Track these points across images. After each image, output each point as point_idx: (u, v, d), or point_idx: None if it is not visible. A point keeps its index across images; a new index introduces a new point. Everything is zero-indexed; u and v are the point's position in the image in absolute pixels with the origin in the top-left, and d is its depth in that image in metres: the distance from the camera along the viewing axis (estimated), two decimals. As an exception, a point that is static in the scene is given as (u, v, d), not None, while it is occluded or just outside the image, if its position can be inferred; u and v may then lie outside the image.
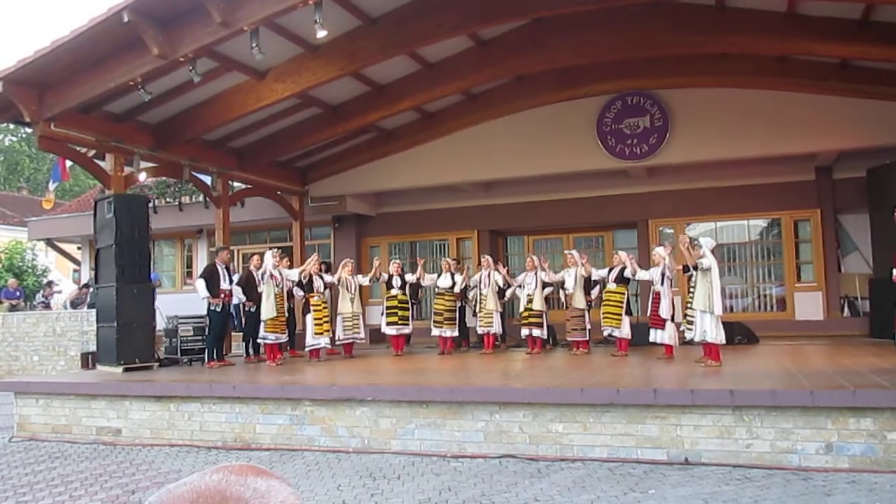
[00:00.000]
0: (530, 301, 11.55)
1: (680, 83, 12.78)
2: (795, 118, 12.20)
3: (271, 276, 10.88)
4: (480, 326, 12.24)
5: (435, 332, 12.23)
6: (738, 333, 11.99)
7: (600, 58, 11.59)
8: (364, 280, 12.30)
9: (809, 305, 13.79)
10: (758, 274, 14.65)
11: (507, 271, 12.74)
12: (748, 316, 13.88)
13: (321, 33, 8.76)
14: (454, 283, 12.22)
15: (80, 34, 8.56)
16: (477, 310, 12.36)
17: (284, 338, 11.33)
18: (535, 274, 11.63)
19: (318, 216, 15.96)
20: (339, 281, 11.79)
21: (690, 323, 9.01)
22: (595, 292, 11.39)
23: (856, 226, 13.66)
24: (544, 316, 11.65)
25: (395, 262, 12.76)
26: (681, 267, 9.72)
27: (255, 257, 11.93)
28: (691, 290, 9.05)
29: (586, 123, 13.61)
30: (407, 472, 6.55)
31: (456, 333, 12.28)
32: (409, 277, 12.32)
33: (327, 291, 12.11)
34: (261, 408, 8.03)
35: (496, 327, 12.10)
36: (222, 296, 10.86)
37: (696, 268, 8.77)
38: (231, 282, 11.19)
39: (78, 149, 11.08)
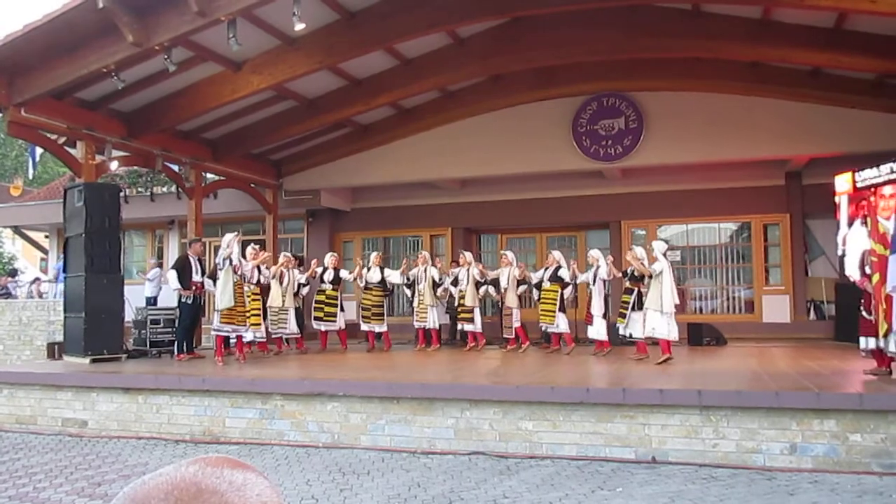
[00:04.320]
0: (462, 297, 11.82)
1: (655, 86, 12.89)
2: (767, 124, 12.36)
3: (231, 262, 10.09)
4: (416, 321, 12.20)
5: (364, 327, 12.14)
6: (707, 335, 12.16)
7: (577, 59, 11.65)
8: (301, 277, 12.03)
9: (777, 308, 14.00)
10: (727, 276, 14.83)
11: (441, 267, 12.84)
12: (717, 318, 14.05)
13: (299, 26, 8.71)
14: (383, 278, 12.22)
15: (54, 19, 8.43)
16: (416, 304, 12.29)
17: (244, 330, 10.45)
18: (468, 270, 11.83)
19: (291, 209, 15.87)
20: (273, 274, 11.37)
21: (623, 317, 9.98)
22: (523, 288, 11.93)
23: (823, 231, 13.87)
24: (476, 311, 11.83)
25: (332, 255, 12.45)
26: (621, 273, 10.51)
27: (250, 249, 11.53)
28: (628, 290, 10.08)
29: (562, 124, 13.67)
30: (377, 468, 6.55)
31: (385, 329, 12.25)
32: (344, 273, 12.20)
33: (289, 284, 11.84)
34: (230, 401, 7.98)
35: (432, 323, 12.06)
36: (194, 288, 10.76)
37: (650, 276, 9.44)
38: (203, 274, 11.07)
39: (48, 135, 10.90)
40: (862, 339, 7.85)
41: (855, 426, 6.20)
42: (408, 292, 12.73)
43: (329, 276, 12.01)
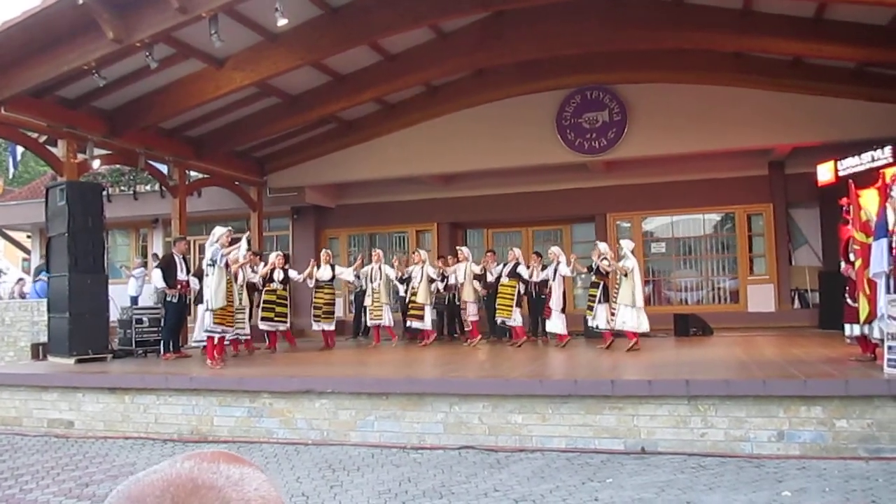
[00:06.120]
0: (414, 294, 11.86)
1: (638, 78, 12.91)
2: (750, 114, 12.42)
3: (225, 260, 9.69)
4: (370, 319, 12.09)
5: (315, 326, 11.86)
6: (693, 325, 12.24)
7: (560, 52, 11.66)
8: (255, 277, 11.66)
9: (762, 297, 14.08)
10: (712, 267, 14.91)
11: (397, 265, 12.74)
12: (702, 308, 14.12)
13: (281, 22, 8.66)
14: (334, 276, 12.12)
15: (33, 15, 8.33)
16: (369, 302, 12.18)
17: (231, 332, 10.18)
18: (422, 268, 11.90)
19: (276, 207, 15.79)
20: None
21: (591, 309, 10.52)
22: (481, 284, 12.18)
23: (806, 220, 13.98)
24: (426, 308, 11.87)
25: (278, 254, 12.10)
26: (586, 269, 11.00)
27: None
28: (594, 284, 10.57)
29: (546, 117, 13.67)
30: (366, 464, 6.54)
31: (332, 328, 12.00)
32: (293, 274, 11.92)
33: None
34: (218, 400, 7.94)
35: (387, 320, 11.96)
36: (179, 287, 10.68)
37: (624, 274, 9.90)
38: (188, 272, 11.00)
39: (29, 134, 10.79)
40: (847, 327, 7.94)
41: (841, 412, 6.25)
42: (401, 288, 12.65)
43: (278, 275, 11.72)
